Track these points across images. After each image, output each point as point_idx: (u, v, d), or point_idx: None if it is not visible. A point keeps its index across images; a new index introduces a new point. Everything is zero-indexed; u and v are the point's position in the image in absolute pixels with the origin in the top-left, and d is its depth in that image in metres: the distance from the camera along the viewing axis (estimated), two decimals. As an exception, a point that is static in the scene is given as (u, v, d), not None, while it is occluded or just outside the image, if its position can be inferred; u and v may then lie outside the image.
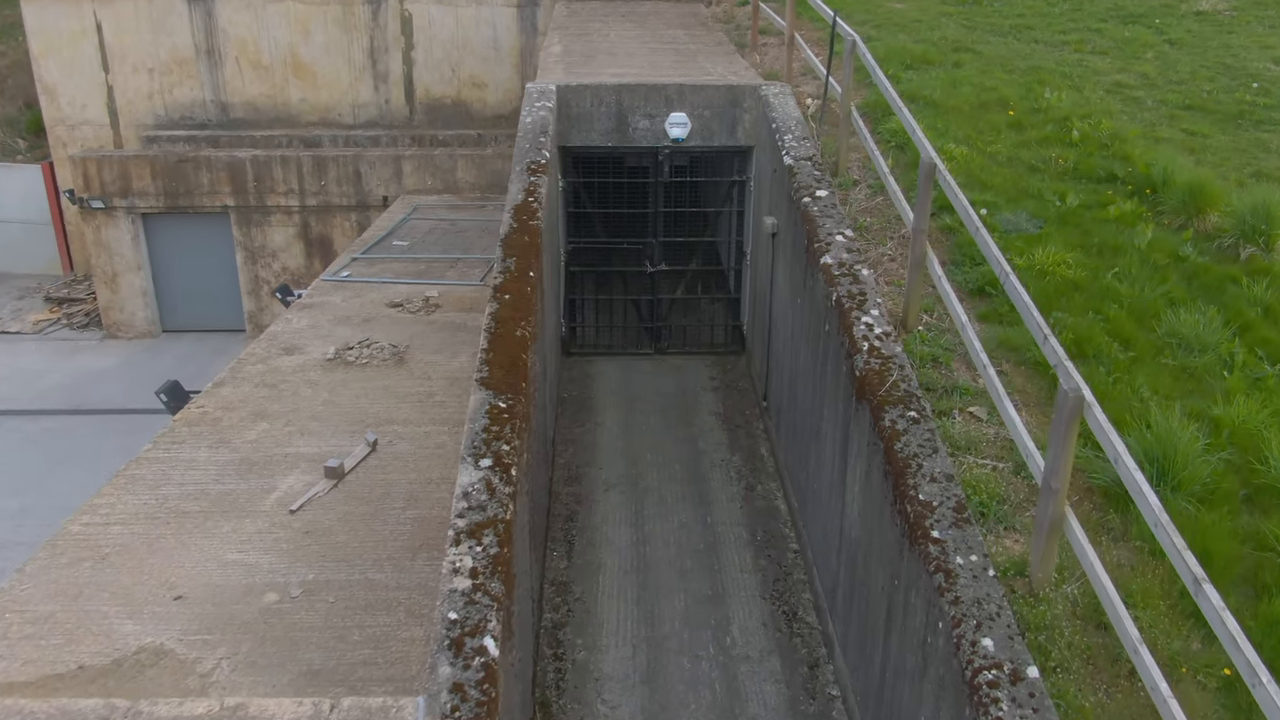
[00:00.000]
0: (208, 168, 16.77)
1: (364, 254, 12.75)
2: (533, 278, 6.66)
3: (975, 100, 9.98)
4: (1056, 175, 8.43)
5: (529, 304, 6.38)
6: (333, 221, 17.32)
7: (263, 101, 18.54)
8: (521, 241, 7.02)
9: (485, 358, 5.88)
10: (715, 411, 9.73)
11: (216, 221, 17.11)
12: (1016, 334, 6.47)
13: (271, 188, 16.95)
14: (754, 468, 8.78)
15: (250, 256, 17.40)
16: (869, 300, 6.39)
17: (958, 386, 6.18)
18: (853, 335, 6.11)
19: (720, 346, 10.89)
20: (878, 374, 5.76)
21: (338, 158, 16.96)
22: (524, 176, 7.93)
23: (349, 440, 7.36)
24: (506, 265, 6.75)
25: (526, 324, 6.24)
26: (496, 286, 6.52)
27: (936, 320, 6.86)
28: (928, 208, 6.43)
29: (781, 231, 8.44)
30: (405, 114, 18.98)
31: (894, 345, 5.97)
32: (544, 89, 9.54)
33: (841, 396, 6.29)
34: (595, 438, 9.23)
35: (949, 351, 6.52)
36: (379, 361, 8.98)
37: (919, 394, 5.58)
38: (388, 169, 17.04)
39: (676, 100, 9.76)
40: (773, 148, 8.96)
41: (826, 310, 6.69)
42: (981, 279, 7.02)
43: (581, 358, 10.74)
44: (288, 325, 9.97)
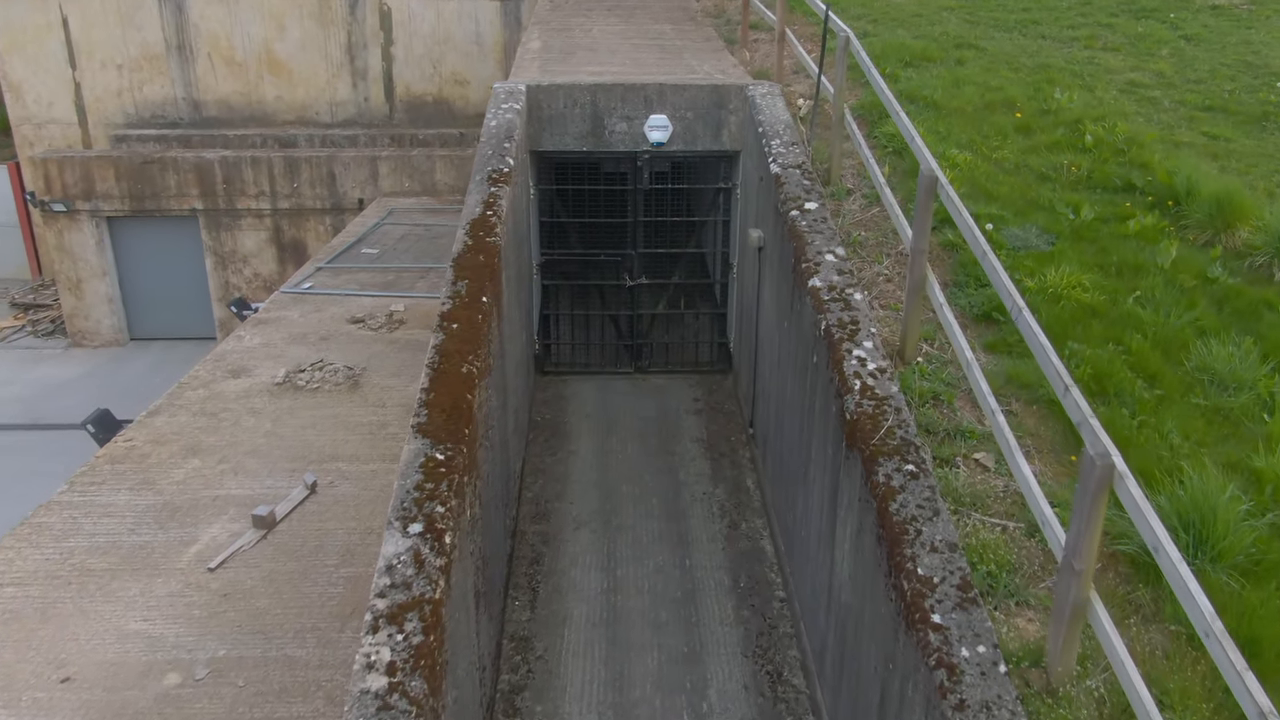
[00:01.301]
0: (174, 169, 16.06)
1: (329, 263, 12.06)
2: (485, 304, 5.96)
3: (979, 101, 9.26)
4: (1069, 184, 7.72)
5: (478, 335, 5.67)
6: (306, 225, 16.62)
7: (237, 99, 17.83)
8: (475, 262, 6.31)
9: (424, 399, 5.18)
10: (698, 438, 9.02)
11: (185, 225, 16.40)
12: (1027, 368, 5.77)
13: (241, 190, 16.25)
14: (738, 502, 8.08)
15: (220, 262, 16.69)
16: (862, 330, 5.69)
17: (961, 429, 5.48)
18: (843, 371, 5.40)
19: (705, 365, 10.19)
20: (871, 418, 5.06)
21: (310, 158, 16.24)
22: (483, 187, 7.22)
23: (287, 480, 6.66)
24: (456, 290, 6.04)
25: (475, 358, 5.54)
26: (443, 314, 5.81)
27: (937, 350, 6.15)
28: (928, 226, 5.73)
29: (768, 246, 7.73)
30: (385, 112, 18.27)
31: (889, 384, 5.26)
32: (512, 89, 8.82)
33: (830, 440, 5.59)
34: (567, 468, 8.53)
35: (951, 387, 5.82)
36: (331, 386, 8.28)
37: (918, 443, 4.88)
38: (363, 170, 16.33)
39: (657, 101, 9.04)
40: (759, 154, 8.25)
41: (815, 339, 5.99)
42: (987, 303, 6.31)
43: (556, 377, 10.04)
44: (239, 343, 9.28)
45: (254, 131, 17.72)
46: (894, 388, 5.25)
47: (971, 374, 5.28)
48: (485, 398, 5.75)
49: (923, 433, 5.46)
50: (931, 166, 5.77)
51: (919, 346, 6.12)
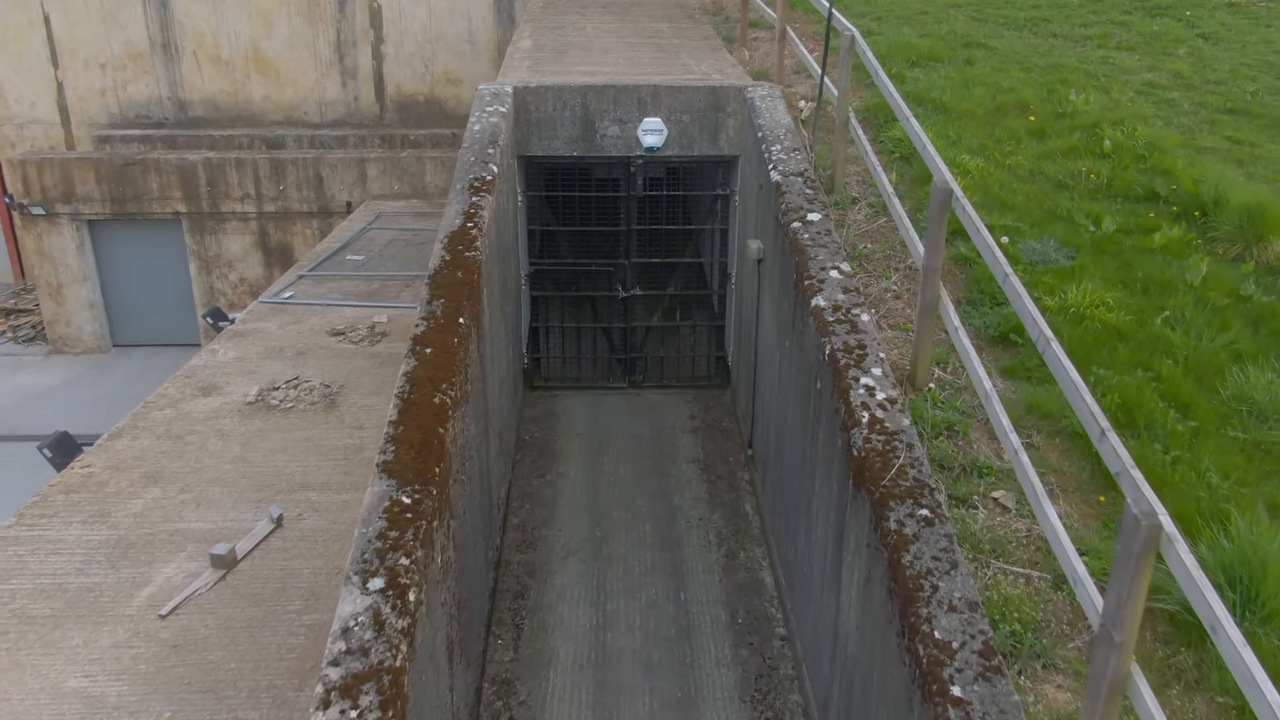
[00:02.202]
0: (156, 171, 15.61)
1: (312, 270, 11.60)
2: (463, 326, 5.51)
3: (990, 103, 8.82)
4: (1088, 193, 7.27)
5: (454, 360, 5.23)
6: (293, 229, 16.17)
7: (223, 99, 17.39)
8: (453, 279, 5.87)
9: (391, 434, 4.73)
10: (694, 458, 8.58)
11: (168, 229, 15.95)
12: (1048, 395, 5.33)
13: (226, 193, 15.79)
14: (736, 529, 7.64)
15: (205, 266, 16.24)
16: (869, 355, 5.24)
17: (978, 464, 5.04)
18: (849, 402, 4.96)
19: (702, 379, 9.75)
20: (880, 456, 4.62)
21: (297, 160, 15.79)
22: (464, 196, 6.78)
23: (252, 512, 6.22)
24: (431, 310, 5.59)
25: (450, 386, 5.09)
26: (416, 337, 5.37)
27: (951, 375, 5.71)
28: (941, 243, 5.28)
29: (768, 258, 7.29)
30: (375, 112, 17.82)
31: (900, 417, 4.82)
32: (498, 91, 8.37)
33: (836, 476, 5.14)
34: (556, 491, 8.09)
35: (966, 416, 5.38)
36: (306, 405, 7.84)
37: (932, 484, 4.44)
38: (351, 172, 15.88)
39: (651, 104, 8.59)
40: (759, 159, 7.80)
41: (819, 364, 5.55)
42: (1004, 323, 5.87)
43: (546, 392, 9.59)
44: (212, 358, 8.83)
45: (241, 132, 17.28)
46: (905, 421, 4.81)
47: (990, 405, 4.85)
48: (461, 429, 5.31)
49: (936, 468, 5.02)
50: (945, 178, 5.32)
51: (930, 371, 5.68)
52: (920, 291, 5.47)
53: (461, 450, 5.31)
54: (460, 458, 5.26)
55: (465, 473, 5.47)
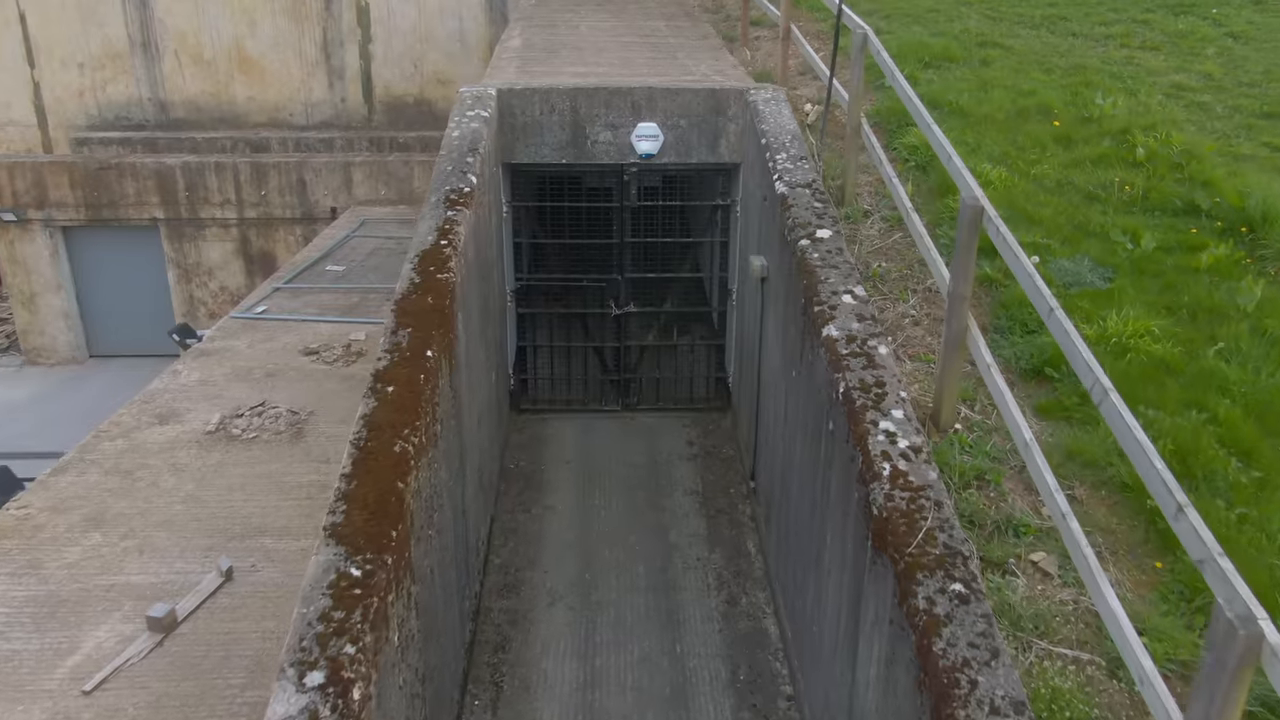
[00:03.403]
0: (133, 175, 15.01)
1: (289, 282, 11.00)
2: (431, 359, 4.91)
3: (1011, 107, 8.22)
4: (1122, 206, 6.67)
5: (419, 401, 4.63)
6: (275, 236, 15.57)
7: (205, 100, 16.78)
8: (422, 305, 5.26)
9: (343, 490, 4.13)
10: (692, 489, 7.97)
11: (145, 236, 15.34)
12: (1090, 439, 4.74)
13: (205, 198, 15.19)
14: (738, 570, 7.04)
15: (184, 274, 15.65)
16: (889, 395, 4.64)
17: (1014, 521, 4.43)
18: (868, 450, 4.35)
19: (700, 402, 9.16)
20: (905, 516, 4.02)
21: (279, 164, 15.19)
22: (438, 211, 6.17)
23: (201, 561, 5.62)
24: (395, 341, 4.99)
25: (414, 431, 4.49)
26: (377, 373, 4.76)
27: (980, 414, 5.10)
28: (970, 268, 4.67)
29: (773, 277, 6.69)
30: (364, 114, 17.22)
31: (926, 470, 4.22)
32: (480, 93, 7.77)
33: (852, 534, 4.54)
34: (542, 527, 7.48)
35: (998, 463, 4.78)
36: (271, 435, 7.24)
37: (965, 552, 3.84)
38: (335, 177, 15.28)
39: (645, 107, 7.99)
40: (762, 168, 7.20)
41: (831, 403, 4.94)
42: (1037, 355, 5.27)
43: (535, 415, 8.99)
44: (173, 380, 8.23)
45: (224, 134, 16.69)
46: (932, 474, 4.21)
47: (1030, 454, 4.25)
48: (429, 477, 4.70)
49: (966, 525, 4.42)
50: (975, 194, 4.72)
51: (956, 410, 5.07)
52: (946, 322, 4.86)
53: (428, 502, 4.71)
54: (426, 511, 4.65)
55: (434, 526, 4.86)
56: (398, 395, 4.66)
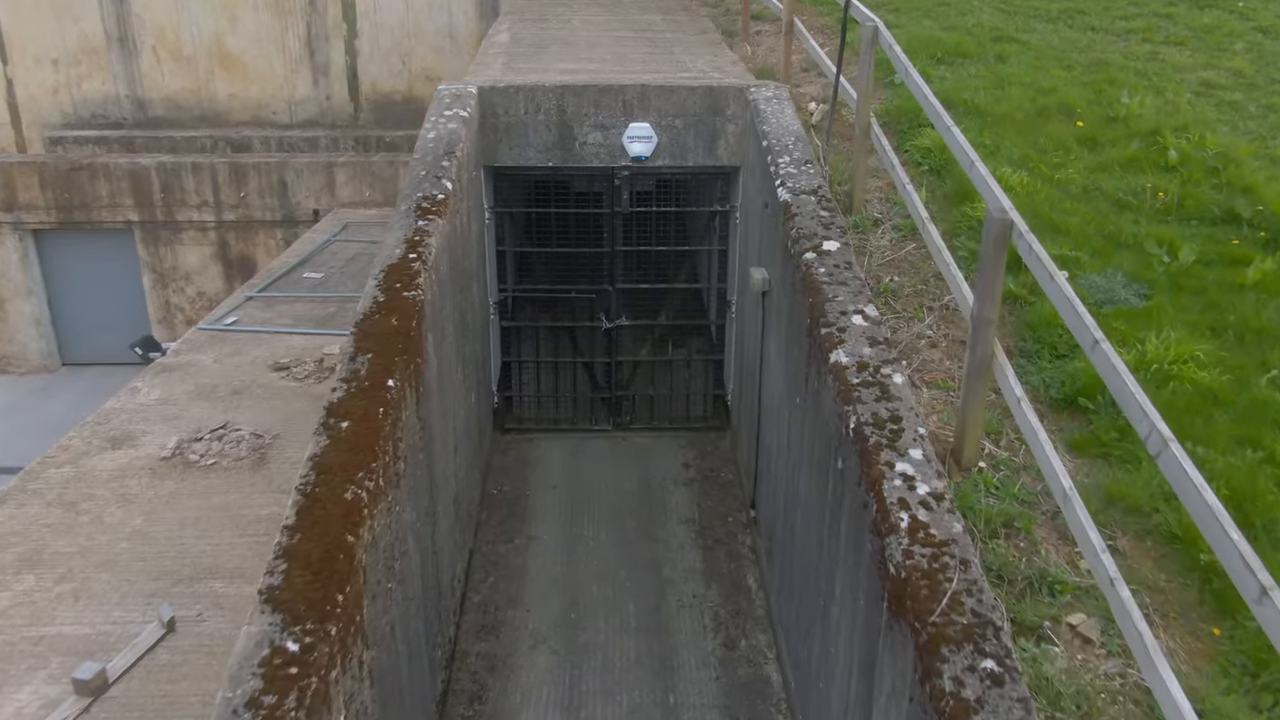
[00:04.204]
0: (106, 176, 14.53)
1: (263, 290, 10.53)
2: (393, 390, 4.43)
3: (1030, 105, 7.75)
4: (1156, 214, 6.20)
5: (377, 439, 4.15)
6: (255, 239, 15.10)
7: (185, 97, 16.35)
8: (385, 328, 4.78)
9: (284, 545, 3.65)
10: (688, 517, 7.50)
11: (119, 239, 14.86)
12: (1132, 481, 4.27)
13: (182, 199, 14.72)
14: (737, 609, 6.56)
15: (160, 279, 15.17)
16: (906, 431, 4.16)
17: (1049, 576, 3.96)
18: (882, 496, 3.88)
19: (698, 421, 8.69)
20: (926, 577, 3.54)
21: (259, 165, 14.72)
22: (408, 220, 5.70)
23: (142, 609, 5.15)
24: (354, 369, 4.51)
25: (369, 474, 4.01)
26: (330, 407, 4.29)
27: (1006, 451, 4.62)
28: (997, 288, 4.19)
29: (776, 293, 6.21)
30: (349, 111, 16.78)
31: (951, 521, 3.75)
32: (459, 92, 7.29)
33: (864, 589, 4.07)
34: (526, 560, 7.01)
35: (1028, 507, 4.30)
36: (232, 461, 6.77)
37: (997, 621, 3.36)
38: (318, 178, 14.80)
39: (638, 106, 7.52)
40: (764, 172, 6.73)
41: (840, 438, 4.47)
42: (1069, 383, 4.80)
43: (520, 435, 8.51)
44: (131, 399, 7.75)
45: (204, 133, 16.25)
46: (957, 526, 3.73)
47: (1066, 499, 3.79)
48: (387, 525, 4.23)
49: (994, 581, 3.95)
50: (1002, 205, 4.25)
51: (980, 446, 4.59)
52: (970, 348, 4.38)
53: (388, 551, 4.23)
54: (385, 563, 4.17)
55: (395, 577, 4.39)
56: (353, 432, 4.18)
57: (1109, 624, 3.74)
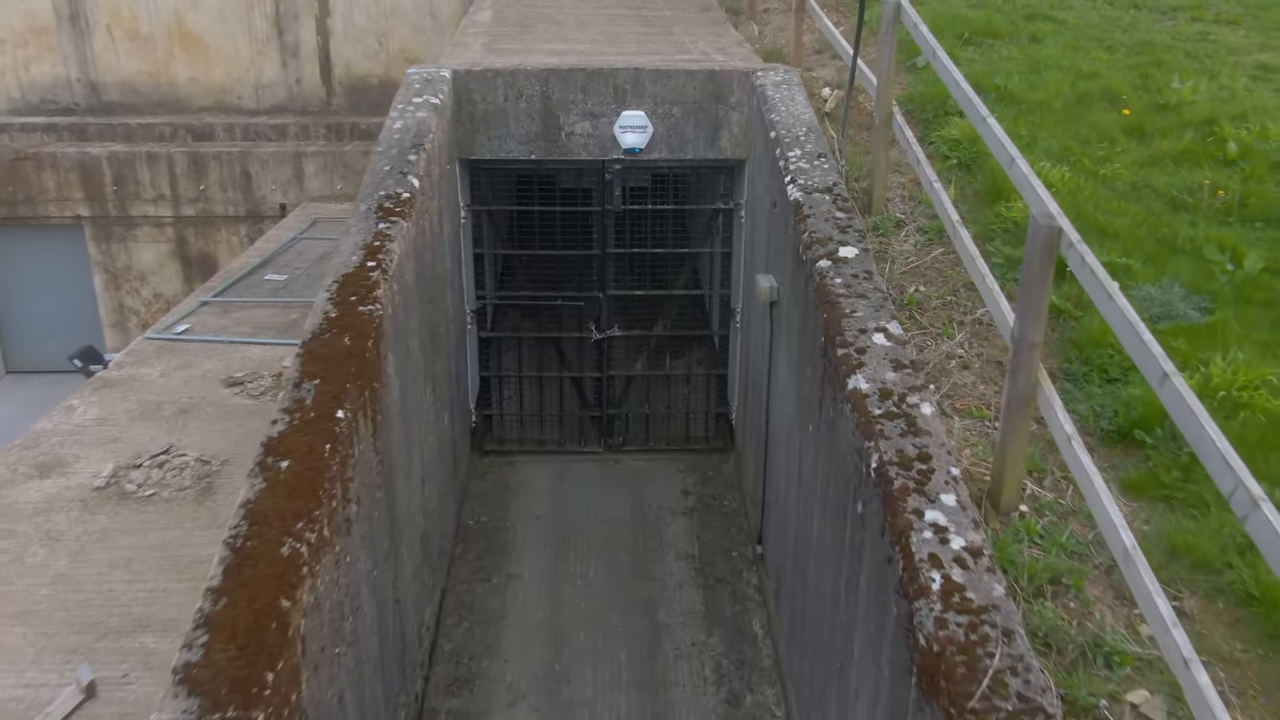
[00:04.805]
0: (53, 167, 14.21)
1: (219, 294, 10.20)
2: (343, 422, 4.09)
3: (1070, 91, 7.43)
4: (1215, 215, 5.87)
5: (322, 480, 3.82)
6: (217, 236, 14.78)
7: (142, 81, 16.02)
8: (336, 348, 4.45)
9: (206, 612, 3.32)
10: (687, 552, 7.17)
11: (68, 235, 14.53)
12: (1199, 530, 3.93)
13: (137, 192, 14.41)
14: (741, 658, 6.23)
15: (113, 280, 14.86)
16: (937, 472, 3.83)
17: (1104, 643, 3.63)
18: (910, 551, 3.54)
19: (698, 442, 8.40)
20: (963, 652, 3.21)
21: (220, 155, 14.41)
22: (368, 222, 5.37)
23: (60, 669, 4.81)
24: (298, 397, 4.18)
25: (312, 524, 3.68)
26: (269, 444, 3.95)
27: (1051, 490, 4.30)
28: (1043, 306, 3.86)
29: (786, 304, 5.88)
30: (322, 96, 16.44)
31: (991, 582, 3.42)
32: (431, 76, 6.96)
33: (887, 658, 3.73)
34: (505, 601, 6.68)
35: (1079, 559, 3.97)
36: (173, 491, 6.44)
37: (1050, 707, 3.04)
38: (285, 169, 14.50)
39: (631, 92, 7.20)
40: (772, 166, 6.40)
41: (860, 478, 4.13)
42: (1123, 412, 4.48)
43: (501, 458, 8.19)
44: (65, 419, 7.42)
45: (163, 120, 15.89)
46: (998, 588, 3.40)
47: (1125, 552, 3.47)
48: (333, 581, 3.89)
49: (1040, 650, 3.62)
50: (1049, 209, 3.91)
51: (1021, 486, 4.26)
52: (1010, 374, 4.05)
53: (335, 612, 3.89)
54: (331, 625, 3.83)
55: (344, 639, 4.05)
56: (294, 474, 3.84)
57: (1177, 701, 3.41)
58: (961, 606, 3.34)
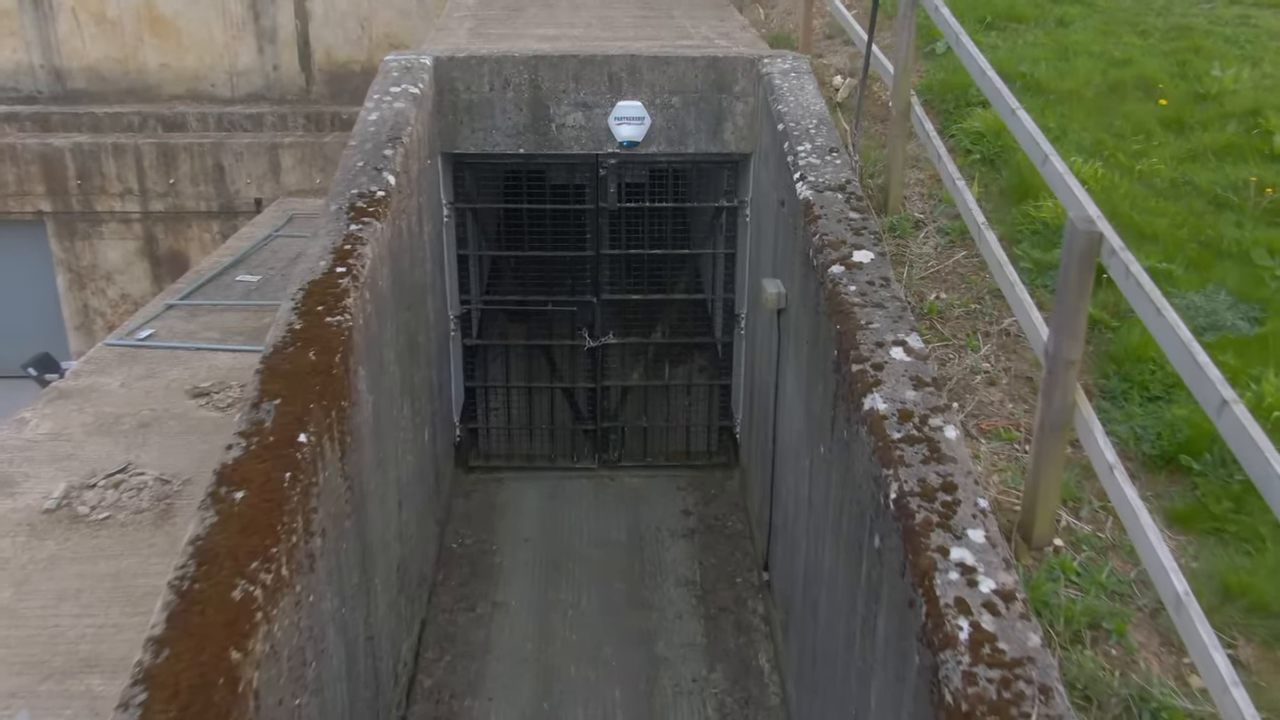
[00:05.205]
0: (12, 159, 14.03)
1: (187, 296, 9.97)
2: (306, 447, 3.89)
3: (1101, 80, 7.23)
4: (1263, 216, 5.65)
5: (278, 512, 3.61)
6: (188, 233, 14.60)
7: (110, 67, 15.84)
8: (301, 365, 4.25)
9: (145, 666, 3.12)
10: (687, 578, 6.98)
11: (29, 232, 14.34)
12: (1255, 569, 3.71)
13: (102, 186, 14.23)
14: (746, 696, 6.03)
15: (76, 279, 14.67)
16: (964, 504, 3.63)
17: (1151, 696, 3.42)
18: (934, 594, 3.35)
19: (700, 457, 8.25)
20: (995, 711, 3.03)
21: (191, 146, 14.22)
22: (339, 224, 5.16)
23: (-1, 715, 4.59)
24: (256, 419, 3.97)
25: (269, 563, 3.47)
26: (221, 472, 3.75)
27: (1088, 522, 4.09)
28: (1082, 319, 3.65)
29: (794, 309, 5.68)
30: (300, 84, 16.25)
31: (1025, 631, 3.21)
32: (411, 64, 6.76)
33: (908, 714, 3.53)
34: (490, 633, 6.48)
35: (1120, 600, 3.76)
36: (130, 514, 6.23)
37: (1093, 777, 2.81)
38: (260, 161, 14.31)
39: (628, 81, 7.02)
40: (780, 161, 6.21)
41: (877, 509, 3.93)
42: (1167, 434, 4.26)
43: (487, 474, 8.00)
44: (16, 433, 7.20)
45: (132, 108, 15.70)
46: (1033, 637, 3.20)
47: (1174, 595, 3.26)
48: (294, 625, 3.68)
49: (1079, 704, 3.41)
50: (1088, 213, 3.70)
51: (1056, 518, 4.04)
52: (1044, 395, 3.83)
53: (295, 658, 3.68)
54: (291, 675, 3.62)
55: (307, 688, 3.84)
56: (249, 506, 3.63)
57: (1233, 766, 3.19)
58: (993, 659, 3.14)
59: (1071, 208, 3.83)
